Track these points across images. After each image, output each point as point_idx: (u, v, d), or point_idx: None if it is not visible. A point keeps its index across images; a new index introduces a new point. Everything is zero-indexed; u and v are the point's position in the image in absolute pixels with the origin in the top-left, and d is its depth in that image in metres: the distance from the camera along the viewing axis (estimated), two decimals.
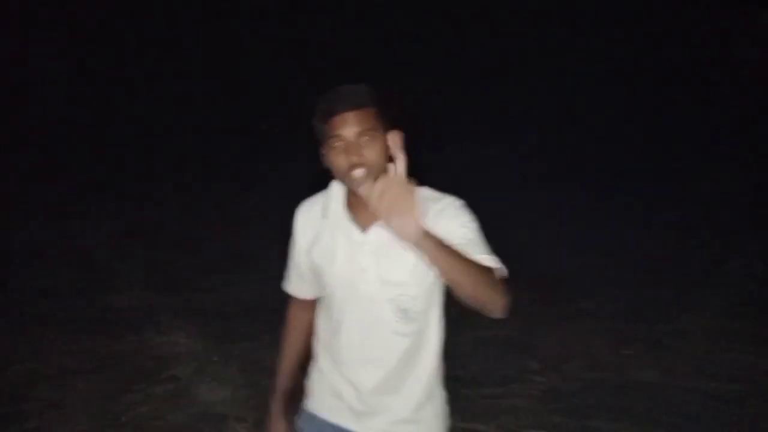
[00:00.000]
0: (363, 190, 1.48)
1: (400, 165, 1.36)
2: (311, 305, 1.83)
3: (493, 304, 1.47)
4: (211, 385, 3.85)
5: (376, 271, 1.62)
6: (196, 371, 4.02)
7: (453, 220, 1.59)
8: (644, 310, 5.28)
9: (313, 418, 1.77)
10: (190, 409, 3.60)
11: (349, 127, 1.54)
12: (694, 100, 9.46)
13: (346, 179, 1.58)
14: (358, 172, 1.54)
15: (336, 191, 1.70)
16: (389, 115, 1.60)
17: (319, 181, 1.78)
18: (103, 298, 5.27)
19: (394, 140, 1.49)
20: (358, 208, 1.65)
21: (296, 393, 1.84)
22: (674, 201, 8.43)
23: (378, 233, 1.62)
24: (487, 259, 1.54)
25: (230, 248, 6.42)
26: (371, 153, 1.55)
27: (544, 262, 6.47)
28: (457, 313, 5.84)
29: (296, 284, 1.82)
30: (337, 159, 1.56)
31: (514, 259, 6.64)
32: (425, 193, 1.66)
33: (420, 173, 1.71)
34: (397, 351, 1.65)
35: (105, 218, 7.48)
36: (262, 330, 4.43)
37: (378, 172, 1.54)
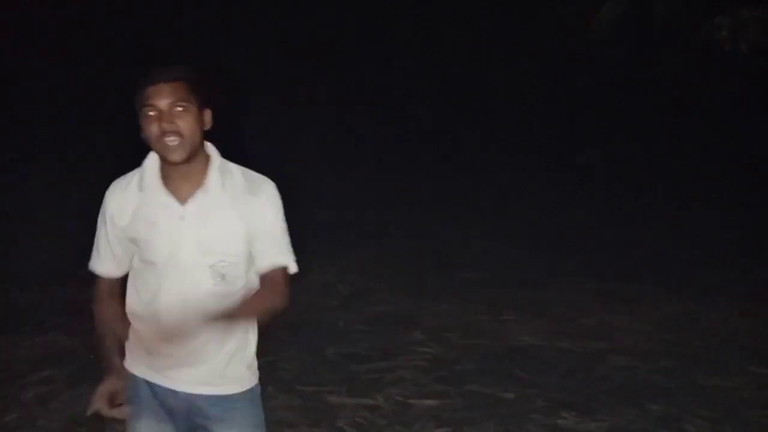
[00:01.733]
0: (173, 157, 1.66)
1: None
2: (118, 283, 1.88)
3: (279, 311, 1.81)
4: (89, 385, 3.64)
5: (196, 240, 1.71)
6: (74, 372, 3.79)
7: (268, 214, 1.77)
8: (517, 279, 5.57)
9: (133, 378, 1.85)
10: (65, 412, 3.40)
11: (162, 98, 1.65)
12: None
13: (158, 146, 1.68)
14: (171, 140, 1.65)
15: (151, 164, 1.77)
16: (203, 91, 1.71)
17: None
18: None
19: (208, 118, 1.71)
20: (174, 180, 1.73)
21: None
22: (549, 180, 8.91)
23: (196, 204, 1.72)
24: (284, 259, 1.80)
25: None
26: (183, 123, 1.66)
27: (427, 237, 6.67)
28: (345, 293, 5.88)
29: (107, 264, 1.84)
30: (150, 126, 1.67)
31: (406, 236, 6.71)
32: (232, 168, 1.79)
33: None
34: (215, 308, 1.75)
35: None
36: None
37: (191, 144, 1.68)
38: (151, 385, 1.81)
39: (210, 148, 1.77)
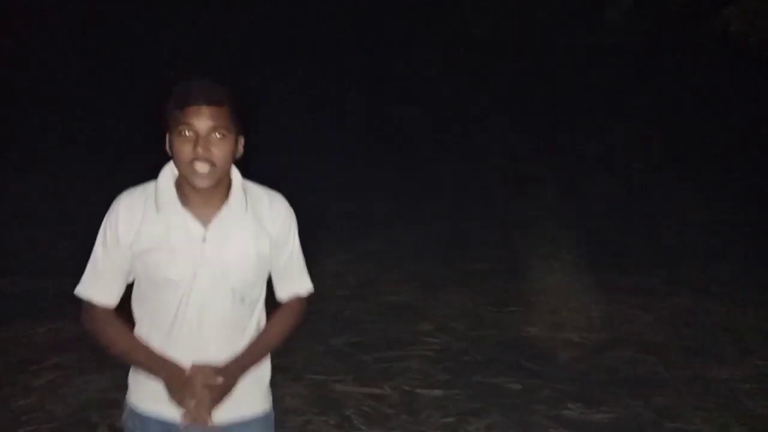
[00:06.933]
0: (200, 184, 1.55)
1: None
2: (114, 311, 1.70)
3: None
4: (99, 371, 3.70)
5: (218, 263, 1.62)
6: (83, 358, 3.84)
7: (289, 235, 1.73)
8: (524, 270, 5.59)
9: (139, 417, 1.71)
10: (76, 398, 3.45)
11: (203, 120, 1.54)
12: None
13: (186, 169, 1.56)
14: (202, 166, 1.54)
15: (165, 182, 1.64)
16: (242, 118, 1.61)
17: None
18: None
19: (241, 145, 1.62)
20: (194, 200, 1.62)
21: None
22: (557, 171, 8.90)
23: (219, 226, 1.62)
24: (306, 286, 1.80)
25: None
26: (219, 152, 1.55)
27: (435, 228, 6.69)
28: (354, 283, 5.89)
29: (107, 289, 1.66)
30: (182, 147, 1.55)
31: (414, 227, 6.73)
32: (251, 187, 1.70)
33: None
34: (233, 332, 1.67)
35: None
36: None
37: (221, 173, 1.58)
38: (163, 423, 1.67)
39: (233, 170, 1.66)
